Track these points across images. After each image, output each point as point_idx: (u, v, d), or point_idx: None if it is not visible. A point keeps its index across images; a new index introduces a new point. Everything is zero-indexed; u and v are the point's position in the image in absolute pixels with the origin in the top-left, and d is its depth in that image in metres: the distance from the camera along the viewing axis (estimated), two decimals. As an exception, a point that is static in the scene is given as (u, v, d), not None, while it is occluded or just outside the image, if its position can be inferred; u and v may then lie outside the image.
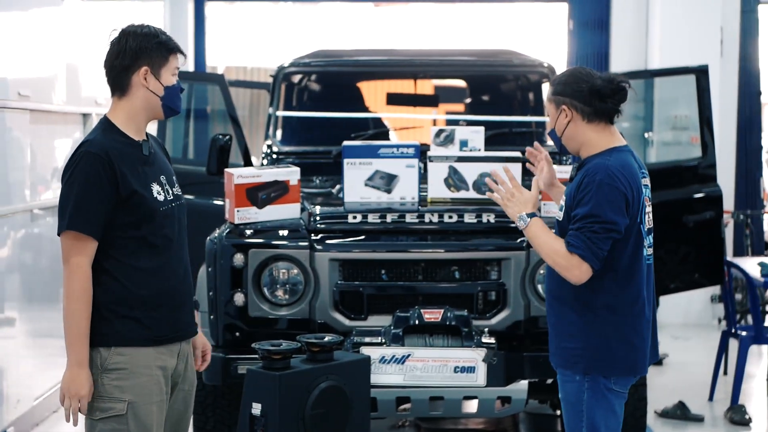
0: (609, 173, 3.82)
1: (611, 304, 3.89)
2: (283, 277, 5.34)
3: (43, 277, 7.19)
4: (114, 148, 3.67)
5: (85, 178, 3.62)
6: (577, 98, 3.93)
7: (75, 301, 3.61)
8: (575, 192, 3.89)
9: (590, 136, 3.95)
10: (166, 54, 3.78)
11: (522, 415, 7.02)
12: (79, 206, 3.61)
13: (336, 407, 4.46)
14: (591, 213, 3.80)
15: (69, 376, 3.64)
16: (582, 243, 3.80)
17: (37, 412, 6.89)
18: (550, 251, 3.88)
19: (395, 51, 7.73)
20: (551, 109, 4.02)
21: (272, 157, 6.74)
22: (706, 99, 7.11)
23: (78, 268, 3.61)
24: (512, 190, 4.06)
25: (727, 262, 7.63)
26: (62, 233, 3.64)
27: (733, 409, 7.15)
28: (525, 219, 3.99)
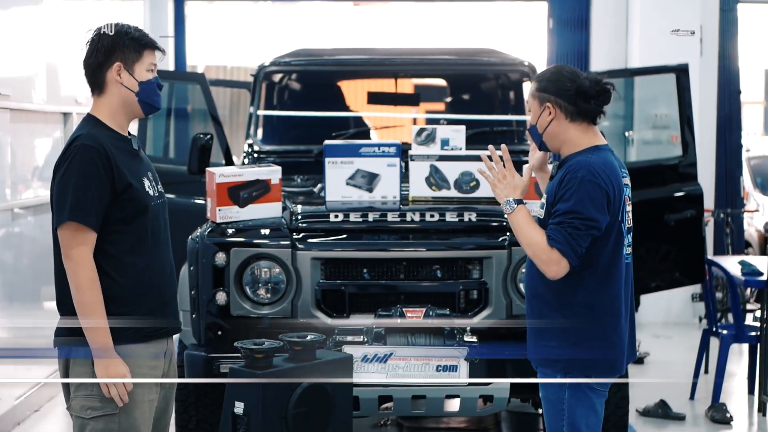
0: (591, 170, 3.83)
1: (590, 302, 3.90)
2: (265, 276, 5.33)
3: (24, 276, 7.17)
4: (107, 141, 3.69)
5: (82, 170, 3.63)
6: (562, 97, 3.94)
7: (85, 291, 3.63)
8: (556, 189, 3.89)
9: (572, 135, 3.96)
10: (139, 49, 3.79)
11: (504, 414, 7.03)
12: (77, 198, 3.62)
13: (318, 406, 4.46)
14: (572, 209, 3.81)
15: (105, 364, 3.64)
16: (563, 238, 3.80)
17: (18, 411, 6.87)
18: (531, 242, 3.88)
19: (376, 50, 7.73)
20: (534, 106, 4.01)
21: (253, 156, 6.74)
22: (686, 98, 7.13)
23: (82, 260, 3.62)
24: (505, 171, 4.05)
25: (708, 261, 7.66)
26: (61, 225, 3.64)
27: (715, 407, 7.17)
28: (512, 204, 3.98)
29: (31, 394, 7.07)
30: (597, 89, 3.94)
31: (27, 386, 7.06)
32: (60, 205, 3.66)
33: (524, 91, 7.24)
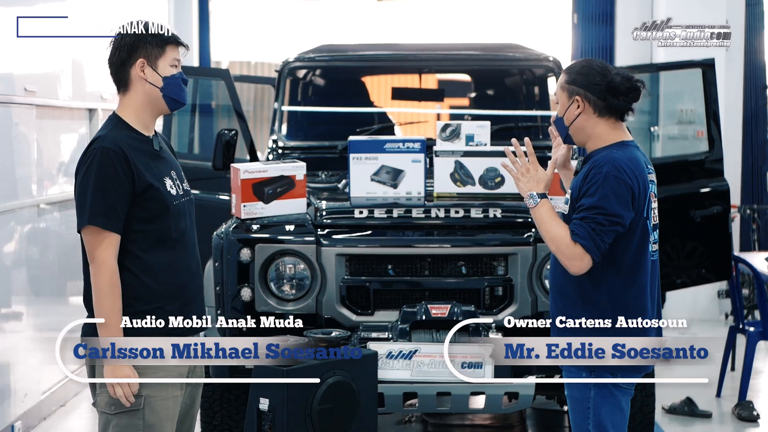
0: (616, 165, 3.80)
1: (615, 299, 3.87)
2: (289, 272, 5.34)
3: (49, 272, 7.19)
4: (127, 143, 3.70)
5: (101, 173, 3.64)
6: (592, 91, 3.91)
7: (105, 296, 3.64)
8: (581, 184, 3.86)
9: (599, 130, 3.93)
10: (161, 45, 3.80)
11: (529, 411, 7.01)
12: (98, 201, 3.63)
13: (343, 403, 4.45)
14: (597, 204, 3.78)
15: (110, 368, 3.66)
16: (586, 233, 3.77)
17: (45, 406, 6.90)
18: (554, 237, 3.84)
19: (400, 45, 7.72)
20: (562, 98, 3.97)
21: (278, 152, 6.73)
22: (712, 93, 7.09)
23: (104, 263, 3.64)
24: (528, 165, 3.99)
25: (735, 257, 7.61)
26: (83, 229, 3.66)
27: (741, 405, 7.14)
28: (535, 198, 3.93)
29: (57, 389, 7.10)
30: (627, 86, 3.91)
31: (53, 381, 7.09)
32: (81, 209, 3.67)
33: (549, 86, 7.21)
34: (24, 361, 6.59)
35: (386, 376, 5.03)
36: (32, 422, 6.67)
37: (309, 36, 13.23)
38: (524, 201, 3.98)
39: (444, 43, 8.47)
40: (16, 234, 6.55)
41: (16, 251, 6.58)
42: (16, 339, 6.60)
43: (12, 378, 6.38)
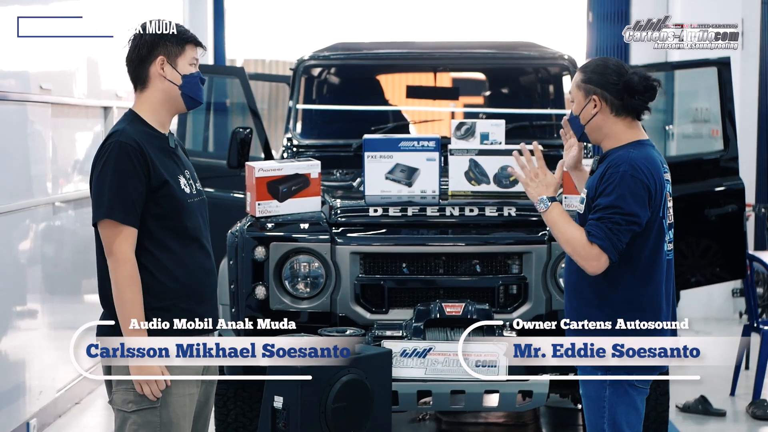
0: (633, 165, 3.80)
1: (630, 299, 3.87)
2: (304, 271, 5.34)
3: (65, 270, 7.21)
4: (144, 139, 3.72)
5: (118, 167, 3.65)
6: (609, 90, 3.90)
7: (126, 289, 3.65)
8: (597, 183, 3.86)
9: (615, 130, 3.92)
10: (181, 44, 3.82)
11: (542, 409, 7.01)
12: (115, 195, 3.64)
13: (357, 401, 4.46)
14: (613, 204, 3.77)
15: (137, 365, 3.68)
16: (603, 233, 3.77)
17: (60, 404, 6.93)
18: (569, 239, 3.83)
19: (415, 44, 7.72)
20: (579, 97, 3.96)
21: (292, 150, 6.74)
22: (728, 92, 7.07)
23: (123, 257, 3.65)
24: (536, 170, 3.99)
25: (749, 256, 7.59)
26: (100, 222, 3.67)
27: (755, 403, 7.13)
28: (546, 202, 3.93)
29: (72, 386, 7.12)
30: (645, 85, 3.89)
31: (68, 378, 7.11)
32: (98, 202, 3.68)
33: (564, 85, 7.20)
34: (39, 358, 6.62)
35: (400, 374, 5.03)
36: (47, 420, 6.69)
37: (323, 34, 13.24)
38: (535, 205, 3.98)
39: (459, 41, 8.46)
40: (31, 232, 6.58)
41: (32, 249, 6.60)
42: (32, 337, 6.62)
43: (27, 375, 6.40)
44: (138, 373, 3.68)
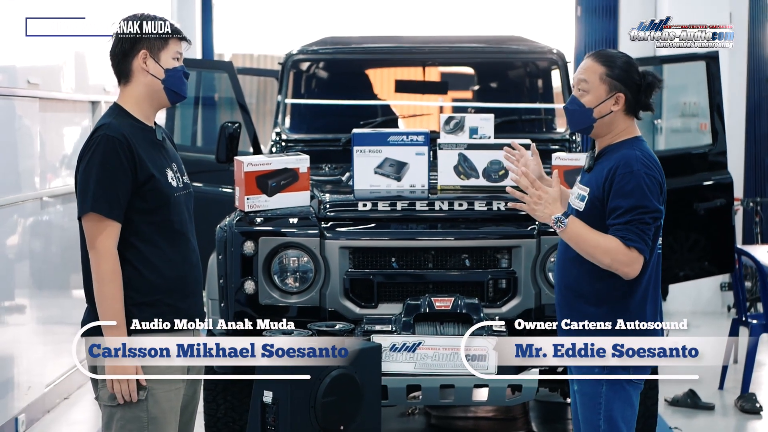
0: (644, 163, 3.79)
1: (624, 294, 3.86)
2: (293, 265, 5.34)
3: (53, 265, 7.20)
4: (130, 132, 3.70)
5: (104, 161, 3.64)
6: (631, 89, 3.87)
7: (107, 283, 3.64)
8: (604, 182, 3.81)
9: (621, 126, 3.90)
10: (165, 38, 3.81)
11: (532, 403, 7.01)
12: (100, 189, 3.63)
13: (347, 395, 4.46)
14: (638, 204, 3.73)
15: (111, 367, 3.67)
16: (636, 236, 3.73)
17: (48, 399, 6.91)
18: (607, 248, 3.75)
19: (403, 38, 7.71)
20: (600, 90, 3.87)
21: (281, 144, 6.73)
22: (716, 86, 7.08)
23: (105, 251, 3.64)
24: (538, 192, 3.87)
25: (738, 250, 7.61)
26: (84, 216, 3.66)
27: (744, 397, 7.14)
28: (563, 221, 3.82)
29: (60, 382, 7.11)
30: (656, 85, 3.91)
31: (57, 374, 7.09)
32: (83, 195, 3.67)
33: (552, 79, 7.20)
34: (27, 354, 6.60)
35: (390, 369, 5.03)
36: (36, 415, 6.68)
37: (312, 28, 13.23)
38: (552, 227, 3.87)
39: (447, 35, 8.46)
40: (19, 227, 6.56)
41: (20, 244, 6.58)
42: (20, 332, 6.60)
43: (15, 371, 6.39)
44: (112, 373, 3.67)
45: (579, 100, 3.93)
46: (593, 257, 3.79)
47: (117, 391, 3.68)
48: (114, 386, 3.69)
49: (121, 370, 3.67)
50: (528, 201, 3.90)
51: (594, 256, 3.79)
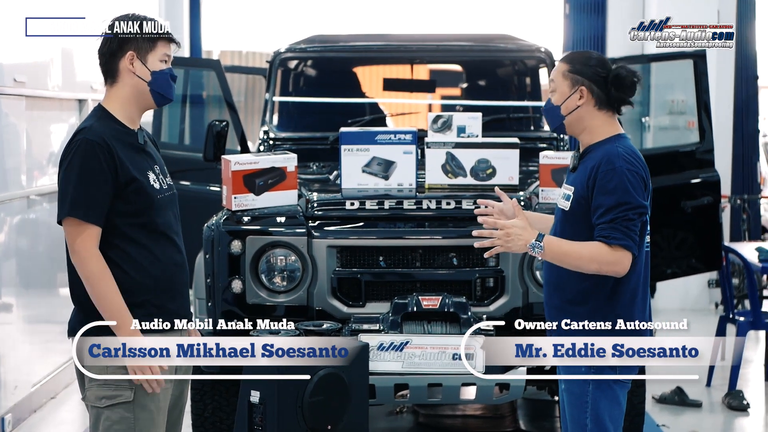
0: (627, 159, 3.79)
1: (613, 293, 3.87)
2: (280, 264, 5.33)
3: (40, 263, 7.18)
4: (111, 136, 3.69)
5: (83, 165, 3.63)
6: (596, 82, 3.87)
7: (98, 282, 3.64)
8: (588, 181, 3.82)
9: (595, 123, 3.90)
10: (153, 39, 3.80)
11: (520, 401, 7.02)
12: (79, 193, 3.62)
13: (334, 395, 4.45)
14: (621, 201, 3.74)
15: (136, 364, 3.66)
16: (621, 233, 3.72)
17: (35, 399, 6.89)
18: (591, 256, 3.75)
19: (391, 36, 7.70)
20: (563, 86, 3.91)
21: (269, 143, 6.72)
22: (703, 84, 7.08)
23: (86, 253, 3.63)
24: (505, 229, 3.84)
25: (725, 248, 7.62)
26: (63, 221, 3.65)
27: (731, 394, 7.16)
28: (539, 246, 3.80)
29: (47, 381, 7.09)
30: (631, 79, 3.89)
31: (44, 373, 7.08)
32: (62, 200, 3.66)
33: (541, 77, 7.21)
34: (14, 353, 6.58)
35: (377, 368, 5.02)
36: (23, 415, 6.66)
37: (301, 25, 13.22)
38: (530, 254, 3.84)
39: (435, 33, 8.45)
40: (5, 225, 6.54)
41: (6, 242, 6.57)
42: (6, 331, 6.58)
43: (2, 370, 6.37)
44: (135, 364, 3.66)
45: (550, 100, 3.98)
46: (580, 268, 3.80)
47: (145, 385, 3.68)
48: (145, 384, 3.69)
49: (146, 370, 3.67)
50: (498, 243, 3.86)
51: (581, 267, 3.79)
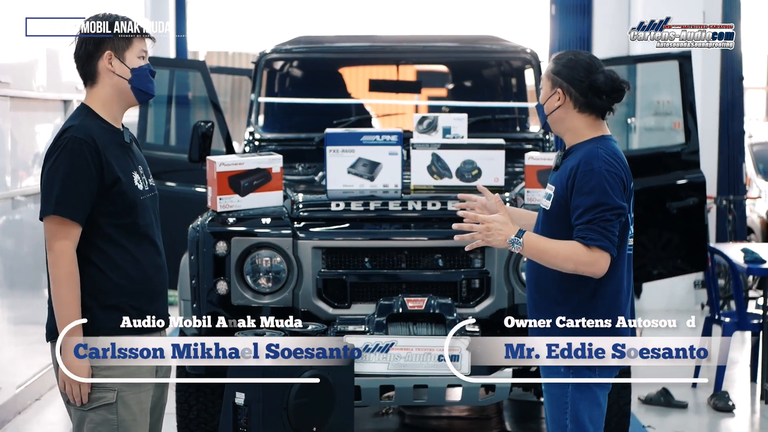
0: (606, 160, 3.79)
1: (595, 294, 3.86)
2: (266, 266, 5.32)
3: (24, 264, 7.15)
4: (98, 134, 3.68)
5: (71, 163, 3.62)
6: (575, 86, 3.87)
7: (63, 286, 3.61)
8: (567, 181, 3.82)
9: (577, 125, 3.90)
10: (129, 37, 3.79)
11: (505, 402, 7.02)
12: (64, 191, 3.61)
13: (320, 396, 4.44)
14: (599, 202, 3.73)
15: (67, 363, 3.64)
16: (598, 234, 3.72)
17: (20, 400, 6.87)
18: (567, 255, 3.75)
19: (377, 37, 7.69)
20: (546, 87, 3.92)
21: (254, 144, 6.71)
22: (689, 84, 7.09)
23: (62, 254, 3.61)
24: (485, 223, 3.84)
25: (711, 248, 7.63)
26: (46, 218, 3.64)
27: (717, 395, 7.16)
28: (518, 241, 3.80)
29: (32, 383, 7.06)
30: (611, 86, 3.86)
31: (29, 374, 7.05)
32: (46, 197, 3.65)
33: (526, 78, 7.21)
34: (-2, 354, 6.56)
35: (363, 370, 5.02)
36: (7, 416, 6.63)
37: (287, 26, 13.21)
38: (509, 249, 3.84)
39: (422, 34, 8.45)
40: (-10, 226, 6.52)
41: (-9, 244, 6.55)
42: (-9, 332, 6.57)
43: (-14, 371, 6.35)
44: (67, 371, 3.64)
45: (540, 100, 4.00)
46: (557, 266, 3.80)
47: (68, 392, 3.66)
48: (66, 388, 3.66)
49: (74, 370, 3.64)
50: (479, 236, 3.87)
51: (557, 265, 3.79)
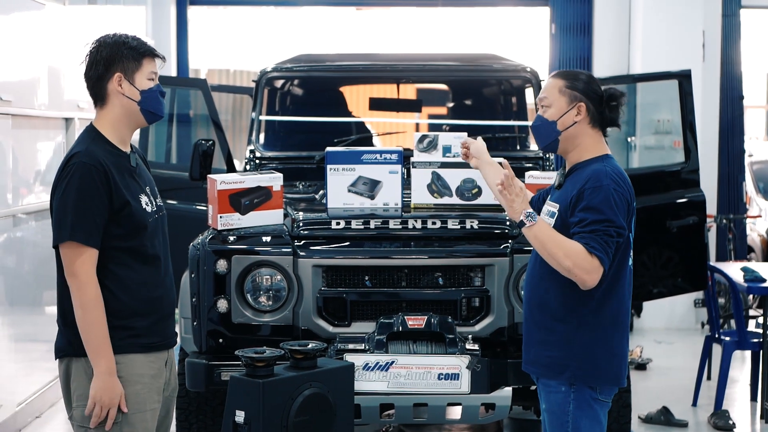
0: (614, 179, 3.82)
1: (596, 312, 3.88)
2: (266, 284, 5.32)
3: (25, 282, 7.16)
4: (106, 159, 3.69)
5: (81, 188, 3.64)
6: (592, 100, 3.91)
7: (91, 310, 3.64)
8: (575, 199, 3.83)
9: (587, 141, 3.93)
10: (138, 58, 3.80)
11: (506, 421, 7.01)
12: (78, 216, 3.63)
13: (320, 414, 4.44)
14: (607, 218, 3.75)
15: (101, 385, 3.66)
16: (600, 245, 3.74)
17: (20, 418, 6.86)
18: (569, 251, 3.76)
19: (378, 56, 7.71)
20: (561, 102, 3.94)
21: (255, 162, 6.72)
22: (689, 104, 7.11)
23: (87, 279, 3.64)
24: (521, 185, 3.93)
25: (711, 267, 7.64)
26: (62, 244, 3.65)
27: (717, 414, 7.16)
28: (534, 216, 3.84)
29: (32, 400, 7.06)
30: (621, 100, 3.94)
31: (29, 392, 7.05)
32: (60, 224, 3.66)
33: (527, 96, 7.22)
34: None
35: (363, 388, 5.02)
36: (8, 433, 6.64)
37: (288, 44, 13.23)
38: (519, 220, 3.86)
39: (422, 53, 8.47)
40: (-9, 244, 6.53)
41: (-8, 261, 6.55)
42: (-8, 349, 6.57)
43: (-13, 389, 6.35)
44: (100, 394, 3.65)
45: (542, 116, 3.98)
46: (555, 258, 3.79)
47: (96, 414, 3.66)
48: (96, 409, 3.67)
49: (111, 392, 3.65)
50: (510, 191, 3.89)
51: (556, 257, 3.79)
